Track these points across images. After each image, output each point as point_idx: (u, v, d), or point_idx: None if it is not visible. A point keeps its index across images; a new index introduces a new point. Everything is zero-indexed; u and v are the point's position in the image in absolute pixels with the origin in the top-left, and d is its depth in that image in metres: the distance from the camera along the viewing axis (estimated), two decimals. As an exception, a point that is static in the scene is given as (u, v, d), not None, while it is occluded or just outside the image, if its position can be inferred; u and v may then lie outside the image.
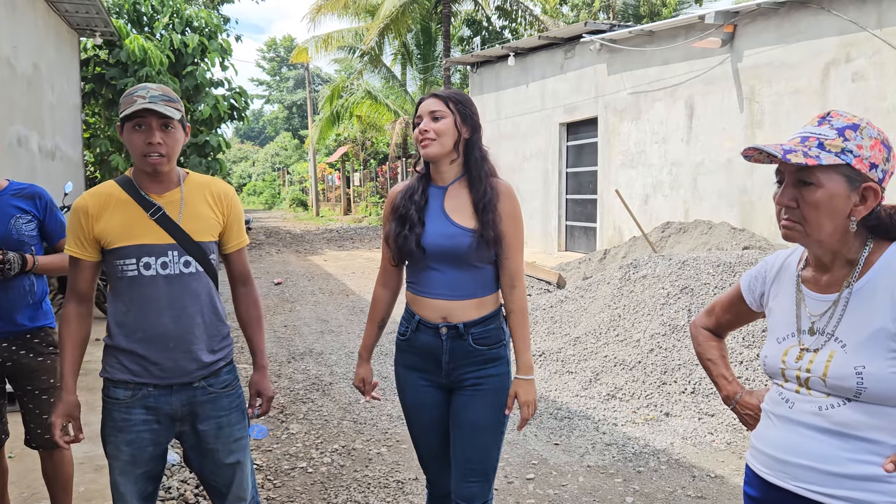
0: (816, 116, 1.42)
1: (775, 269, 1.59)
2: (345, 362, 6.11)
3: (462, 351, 2.21)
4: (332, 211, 31.13)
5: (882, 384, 1.31)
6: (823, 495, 1.37)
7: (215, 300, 2.16)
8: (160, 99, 2.00)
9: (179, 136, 2.07)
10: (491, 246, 2.17)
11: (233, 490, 2.22)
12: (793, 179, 1.38)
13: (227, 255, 2.25)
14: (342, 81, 24.29)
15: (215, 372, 2.15)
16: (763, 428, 1.53)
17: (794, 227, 1.39)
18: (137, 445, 2.08)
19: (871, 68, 8.10)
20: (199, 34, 13.47)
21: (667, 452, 4.04)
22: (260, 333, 2.32)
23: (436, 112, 2.18)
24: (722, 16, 9.64)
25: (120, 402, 2.09)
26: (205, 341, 2.11)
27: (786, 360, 1.46)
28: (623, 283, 6.36)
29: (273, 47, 55.37)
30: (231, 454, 2.18)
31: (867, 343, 1.34)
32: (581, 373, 5.36)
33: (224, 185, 2.23)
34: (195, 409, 2.12)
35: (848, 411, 1.35)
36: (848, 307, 1.39)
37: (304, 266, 13.25)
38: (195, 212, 2.11)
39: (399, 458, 3.99)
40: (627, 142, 11.87)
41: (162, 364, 2.06)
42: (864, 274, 1.40)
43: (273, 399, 2.36)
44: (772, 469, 1.47)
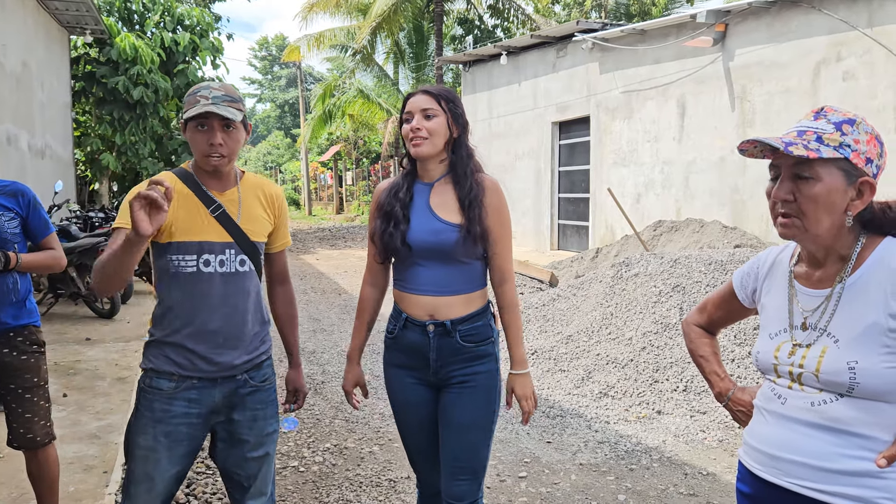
0: (811, 111, 1.41)
1: (767, 266, 1.59)
2: (337, 361, 6.10)
3: (450, 348, 2.21)
4: (324, 210, 31.07)
5: (875, 379, 1.31)
6: (817, 491, 1.37)
7: (261, 298, 2.20)
8: (223, 100, 2.01)
9: (241, 137, 2.08)
10: (478, 241, 2.16)
11: (256, 484, 2.22)
12: (790, 173, 1.37)
13: (270, 255, 2.29)
14: (334, 80, 24.25)
15: (257, 365, 2.18)
16: (755, 424, 1.53)
17: (792, 222, 1.38)
18: (175, 439, 2.07)
19: (862, 67, 8.14)
20: (190, 32, 13.42)
21: (659, 450, 4.05)
22: (295, 332, 2.41)
23: (428, 110, 2.17)
24: (713, 15, 9.66)
25: (163, 393, 2.07)
26: (250, 337, 2.14)
27: (778, 356, 1.45)
28: (615, 281, 6.37)
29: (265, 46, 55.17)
30: (261, 447, 2.20)
31: (860, 338, 1.34)
32: (573, 371, 5.36)
33: (275, 186, 2.27)
34: (234, 400, 2.14)
35: (840, 407, 1.35)
36: (840, 302, 1.39)
37: (297, 265, 13.22)
38: (252, 212, 2.14)
39: (391, 456, 3.99)
40: (619, 141, 11.89)
41: (211, 359, 2.07)
42: (856, 269, 1.39)
43: (307, 395, 2.49)
44: (765, 465, 1.47)
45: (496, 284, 2.28)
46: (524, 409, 2.26)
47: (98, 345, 6.43)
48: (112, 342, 6.49)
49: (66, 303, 7.76)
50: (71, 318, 7.45)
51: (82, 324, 7.30)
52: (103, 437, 4.10)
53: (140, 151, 12.75)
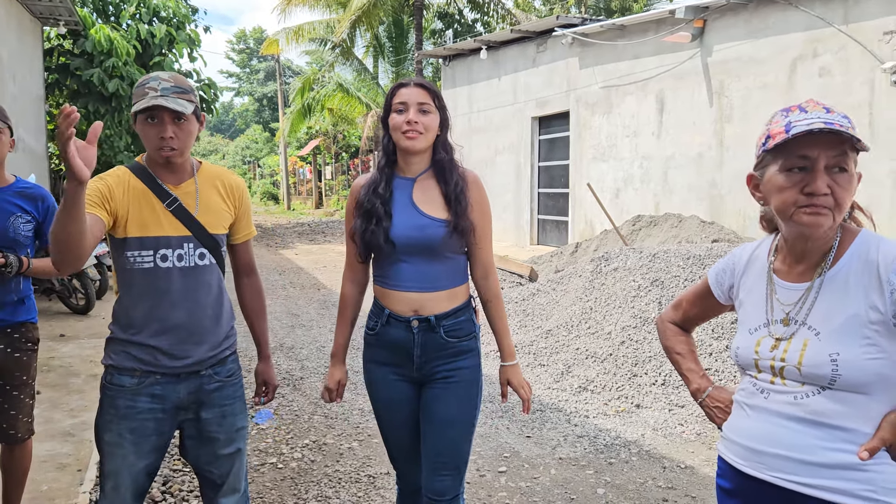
0: (811, 102, 1.39)
1: (744, 261, 1.59)
2: (316, 357, 6.06)
3: (434, 344, 2.19)
4: (303, 204, 30.86)
5: (856, 371, 1.32)
6: (799, 484, 1.38)
7: (224, 291, 2.17)
8: (172, 91, 1.96)
9: (193, 129, 2.04)
10: (464, 236, 2.16)
11: (229, 481, 2.19)
12: (825, 165, 1.34)
13: (234, 246, 2.25)
14: (313, 74, 24.08)
15: (222, 360, 2.15)
16: (736, 419, 1.53)
17: (827, 214, 1.34)
18: (141, 434, 2.04)
19: (837, 64, 8.23)
20: (166, 24, 13.22)
21: (638, 444, 4.07)
22: (264, 324, 2.37)
23: (424, 105, 2.15)
24: (692, 11, 9.72)
25: (125, 390, 2.05)
26: (215, 331, 2.11)
27: (759, 351, 1.46)
28: (594, 275, 6.40)
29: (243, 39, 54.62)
30: (232, 443, 2.17)
31: (841, 330, 1.35)
32: (553, 365, 5.38)
33: (235, 176, 2.22)
34: (201, 397, 2.11)
35: (822, 400, 1.36)
36: (820, 295, 1.39)
37: (275, 260, 13.12)
38: (210, 204, 2.10)
39: (371, 452, 3.97)
40: (599, 136, 11.93)
41: (174, 354, 2.04)
42: (836, 262, 1.40)
43: (277, 388, 2.43)
44: (747, 460, 1.47)
45: (480, 278, 2.28)
46: (523, 398, 2.31)
47: (72, 341, 6.33)
48: (86, 338, 6.39)
49: (40, 298, 7.63)
50: (45, 313, 7.32)
51: (56, 320, 7.19)
52: (77, 435, 4.03)
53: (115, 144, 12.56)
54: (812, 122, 1.33)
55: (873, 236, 1.41)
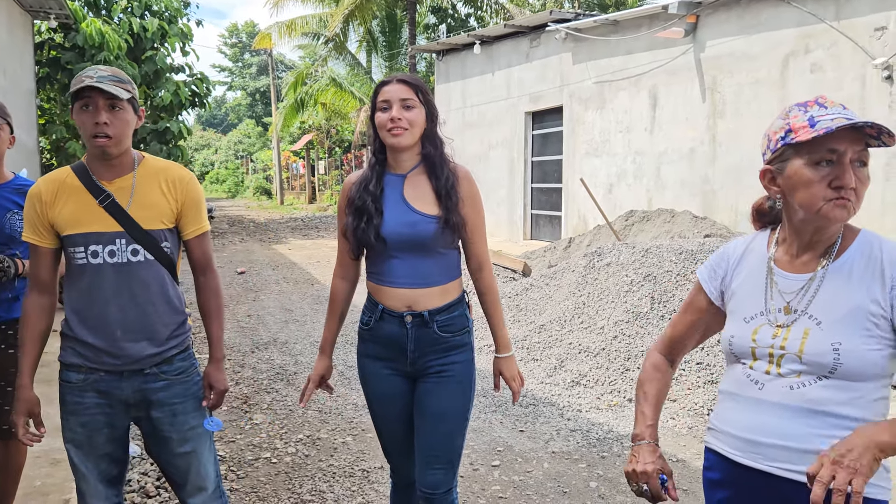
0: (824, 98, 1.43)
1: (738, 253, 1.61)
2: (309, 352, 6.06)
3: (427, 339, 2.20)
4: (296, 199, 30.80)
5: (857, 361, 1.36)
6: (798, 473, 1.40)
7: (168, 289, 2.11)
8: (108, 79, 1.97)
9: (129, 118, 2.02)
10: (455, 231, 2.16)
11: (190, 479, 2.18)
12: (851, 159, 1.37)
13: (186, 242, 2.19)
14: (306, 68, 24.02)
15: (168, 359, 2.11)
16: (727, 412, 1.55)
17: (850, 207, 1.38)
18: (92, 427, 2.08)
19: (829, 60, 8.27)
20: (158, 18, 13.15)
21: (630, 437, 4.09)
22: (217, 324, 2.24)
23: (407, 100, 2.15)
24: (685, 6, 9.73)
25: (73, 385, 2.09)
26: (155, 330, 2.08)
27: (757, 339, 1.48)
28: (587, 270, 6.42)
29: (235, 33, 54.40)
30: (186, 442, 2.15)
31: (844, 320, 1.38)
32: (546, 360, 5.40)
33: (181, 169, 2.17)
34: (147, 395, 2.10)
35: (819, 389, 1.39)
36: (823, 285, 1.43)
37: (269, 255, 13.11)
38: (146, 199, 2.06)
39: (364, 447, 3.98)
40: (592, 131, 11.95)
41: (111, 352, 2.04)
42: (840, 254, 1.44)
43: (226, 392, 2.26)
44: (742, 451, 1.49)
45: (474, 271, 2.29)
46: (514, 390, 2.33)
47: (65, 336, 6.31)
48: (79, 334, 6.38)
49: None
50: (37, 309, 7.29)
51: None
52: (71, 431, 4.03)
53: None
54: (843, 117, 1.36)
55: (874, 235, 1.46)
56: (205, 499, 2.21)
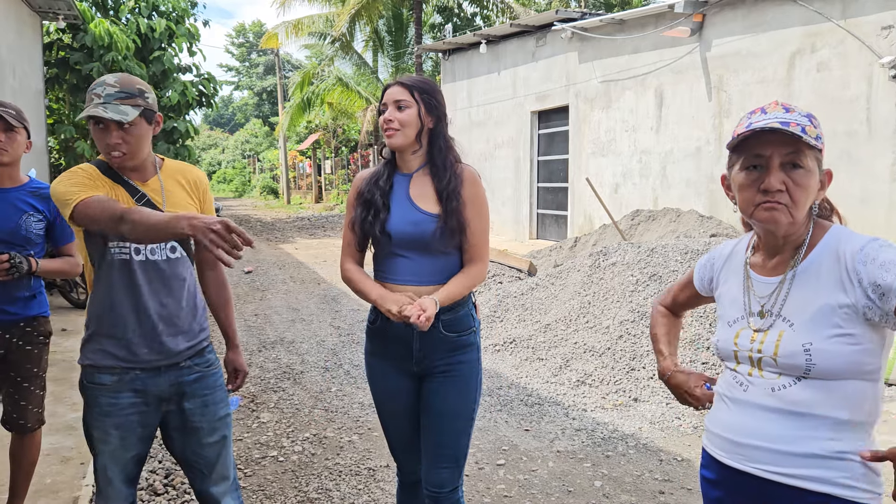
0: (773, 104, 1.44)
1: (724, 257, 1.64)
2: (316, 351, 6.09)
3: (433, 338, 2.22)
4: (303, 199, 30.86)
5: (829, 360, 1.36)
6: (779, 474, 1.42)
7: (195, 283, 2.21)
8: (115, 98, 1.98)
9: (141, 131, 2.04)
10: (455, 233, 2.18)
11: (217, 469, 2.23)
12: (781, 163, 1.39)
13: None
14: (313, 68, 24.02)
15: (200, 351, 2.20)
16: (717, 412, 1.58)
17: (782, 210, 1.40)
18: (127, 428, 2.10)
19: (836, 58, 8.24)
20: (166, 18, 13.21)
21: (635, 437, 4.11)
22: (231, 314, 2.42)
23: (400, 101, 2.19)
24: (691, 5, 9.72)
25: (106, 388, 2.09)
26: (190, 322, 2.16)
27: (738, 343, 1.50)
28: (593, 270, 6.43)
29: (242, 32, 54.50)
30: (216, 431, 2.22)
31: (813, 320, 1.39)
32: (551, 359, 5.41)
33: (197, 171, 2.26)
34: (182, 388, 2.15)
35: (799, 390, 1.40)
36: (793, 287, 1.44)
37: (275, 254, 13.15)
38: (176, 198, 2.15)
39: (370, 445, 4.01)
40: (598, 130, 11.94)
41: (152, 347, 2.08)
42: (807, 255, 1.44)
43: (247, 375, 2.49)
44: (728, 452, 1.51)
45: (466, 263, 2.25)
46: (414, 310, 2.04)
47: (74, 335, 6.36)
48: (88, 333, 6.42)
49: (41, 293, 7.65)
50: (46, 308, 7.35)
51: (57, 314, 7.21)
52: (80, 429, 4.05)
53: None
54: (767, 122, 1.38)
55: (843, 230, 1.45)
56: (227, 487, 2.27)
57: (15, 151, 2.69)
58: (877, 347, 1.38)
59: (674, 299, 1.87)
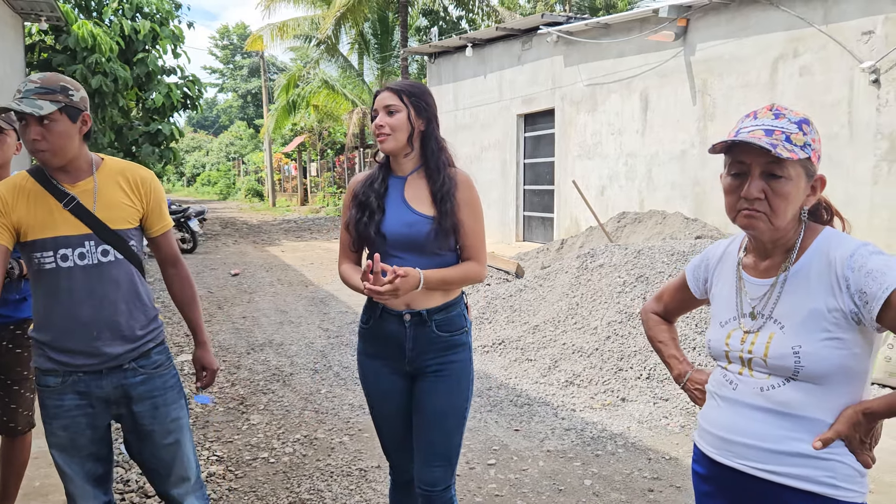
0: (765, 109, 1.46)
1: (717, 257, 1.67)
2: (305, 353, 6.08)
3: (425, 338, 2.24)
4: (288, 201, 30.74)
5: (818, 363, 1.39)
6: (766, 472, 1.45)
7: (138, 285, 2.16)
8: (34, 92, 1.96)
9: (62, 129, 2.00)
10: (449, 234, 2.21)
11: (175, 471, 2.22)
12: (761, 172, 1.42)
13: (153, 240, 2.24)
14: (298, 70, 23.98)
15: (145, 353, 2.16)
16: (708, 409, 1.61)
17: (760, 218, 1.42)
18: (74, 430, 2.10)
19: (818, 63, 8.35)
20: (150, 20, 13.15)
21: (624, 436, 4.14)
22: (196, 311, 2.35)
23: (390, 106, 2.22)
24: (675, 10, 9.81)
25: (51, 390, 2.09)
26: (130, 327, 2.12)
27: (729, 343, 1.53)
28: (580, 272, 6.47)
29: (226, 35, 54.26)
30: (169, 434, 2.20)
31: (803, 324, 1.41)
32: (540, 360, 5.44)
33: (142, 169, 2.20)
34: (128, 390, 2.13)
35: (788, 391, 1.43)
36: (784, 290, 1.46)
37: (262, 257, 13.11)
38: (111, 200, 2.09)
39: (361, 446, 4.01)
40: (584, 133, 12.01)
41: (89, 352, 2.06)
42: (798, 258, 1.47)
43: (217, 372, 2.43)
44: (718, 448, 1.54)
45: (464, 259, 2.28)
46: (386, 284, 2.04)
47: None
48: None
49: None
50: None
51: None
52: (68, 432, 4.04)
53: (99, 142, 12.48)
54: (751, 130, 1.41)
55: (834, 234, 1.48)
56: (188, 488, 2.26)
57: (5, 154, 2.67)
58: (864, 352, 1.41)
59: (665, 306, 1.87)
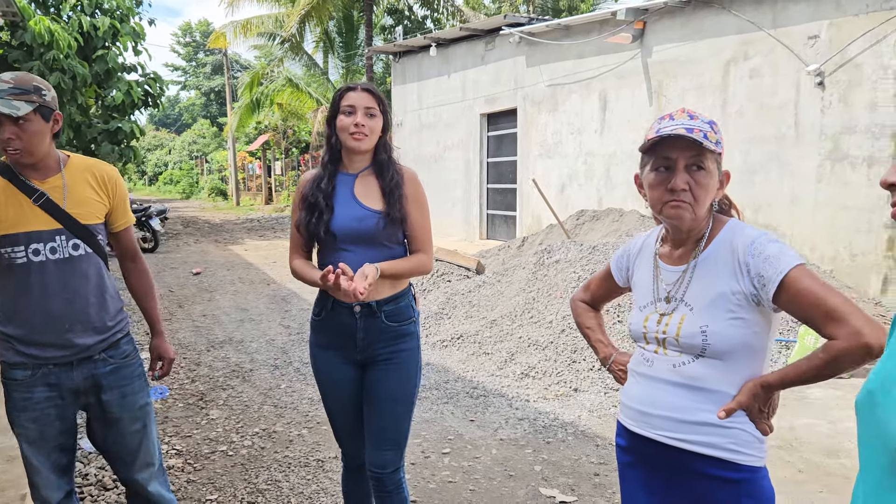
0: (679, 111, 1.61)
1: (637, 248, 1.82)
2: (265, 350, 6.14)
3: (375, 328, 2.35)
4: (252, 200, 30.51)
5: (722, 341, 1.54)
6: (678, 440, 1.60)
7: (105, 278, 2.23)
8: (8, 94, 2.01)
9: (36, 129, 2.06)
10: (398, 225, 2.32)
11: (140, 457, 2.30)
12: (685, 165, 1.56)
13: (116, 234, 2.32)
14: (262, 68, 23.83)
15: (114, 344, 2.24)
16: (628, 386, 1.75)
17: (686, 208, 1.57)
18: (43, 422, 2.15)
19: (767, 66, 8.65)
20: (109, 17, 12.99)
21: (574, 424, 4.30)
22: (154, 302, 2.44)
23: (371, 109, 2.32)
24: (632, 12, 10.05)
25: (20, 383, 2.14)
26: (99, 317, 2.19)
27: (647, 325, 1.67)
28: (537, 268, 6.64)
29: (189, 32, 53.54)
30: (136, 421, 2.28)
31: (710, 305, 1.57)
32: (497, 353, 5.59)
33: (108, 166, 2.27)
34: (98, 380, 2.20)
35: (697, 367, 1.58)
36: (694, 275, 1.62)
37: (224, 256, 13.05)
38: (80, 196, 2.16)
39: (319, 438, 4.10)
40: (545, 133, 12.22)
41: (60, 344, 2.12)
42: (707, 246, 1.62)
43: (173, 361, 2.51)
44: (636, 421, 1.69)
45: (412, 252, 2.39)
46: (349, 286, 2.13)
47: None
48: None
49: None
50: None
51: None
52: (26, 428, 4.05)
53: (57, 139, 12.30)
54: (673, 128, 1.55)
55: (738, 224, 1.63)
56: (152, 473, 2.34)
57: None
58: (764, 331, 1.57)
59: (592, 294, 2.01)
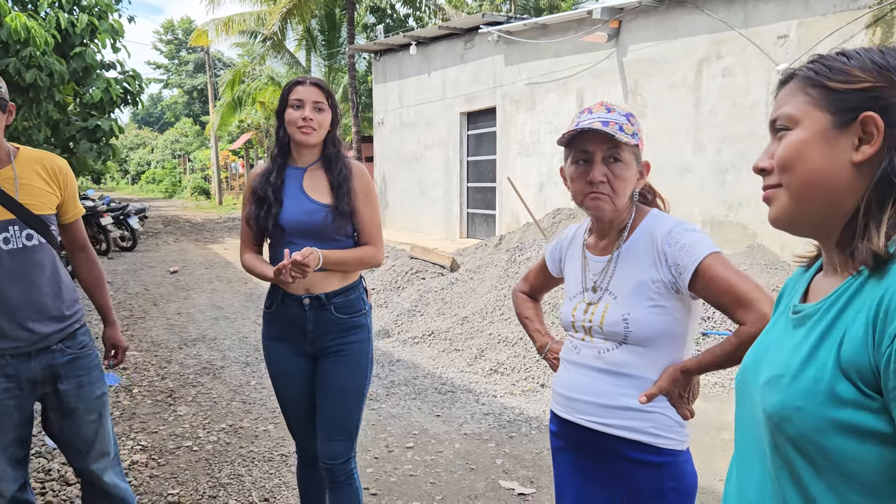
0: (598, 104, 1.66)
1: (568, 240, 1.87)
2: (238, 347, 6.16)
3: (325, 320, 2.39)
4: (235, 199, 30.38)
5: (643, 328, 1.59)
6: (602, 425, 1.65)
7: (59, 268, 2.27)
8: None
9: None
10: (346, 219, 2.36)
11: (95, 447, 2.33)
12: (603, 157, 1.60)
13: (66, 226, 2.36)
14: (244, 66, 23.75)
15: (71, 334, 2.27)
16: (559, 373, 1.81)
17: (605, 199, 1.61)
18: (2, 413, 2.17)
19: (739, 65, 8.76)
20: (88, 14, 12.90)
21: (538, 419, 4.36)
22: (104, 292, 2.48)
23: (319, 104, 2.35)
24: (608, 12, 10.14)
25: None
26: (55, 307, 2.22)
27: (575, 314, 1.72)
28: (509, 265, 6.70)
29: (170, 29, 53.15)
30: (92, 411, 2.31)
31: (632, 294, 1.62)
32: (467, 350, 5.64)
33: (58, 158, 2.30)
34: (55, 370, 2.23)
35: (619, 353, 1.63)
36: (618, 265, 1.67)
37: (203, 254, 13.02)
38: (32, 186, 2.19)
39: (285, 433, 4.13)
40: (523, 131, 12.29)
41: (17, 334, 2.15)
42: (629, 237, 1.68)
43: (126, 350, 2.55)
44: (564, 406, 1.74)
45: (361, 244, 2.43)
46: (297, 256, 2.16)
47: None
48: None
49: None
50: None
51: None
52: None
53: (35, 137, 12.18)
54: (590, 121, 1.60)
55: (659, 215, 1.69)
56: (108, 463, 2.37)
57: None
58: (683, 317, 1.62)
59: (531, 285, 2.07)
